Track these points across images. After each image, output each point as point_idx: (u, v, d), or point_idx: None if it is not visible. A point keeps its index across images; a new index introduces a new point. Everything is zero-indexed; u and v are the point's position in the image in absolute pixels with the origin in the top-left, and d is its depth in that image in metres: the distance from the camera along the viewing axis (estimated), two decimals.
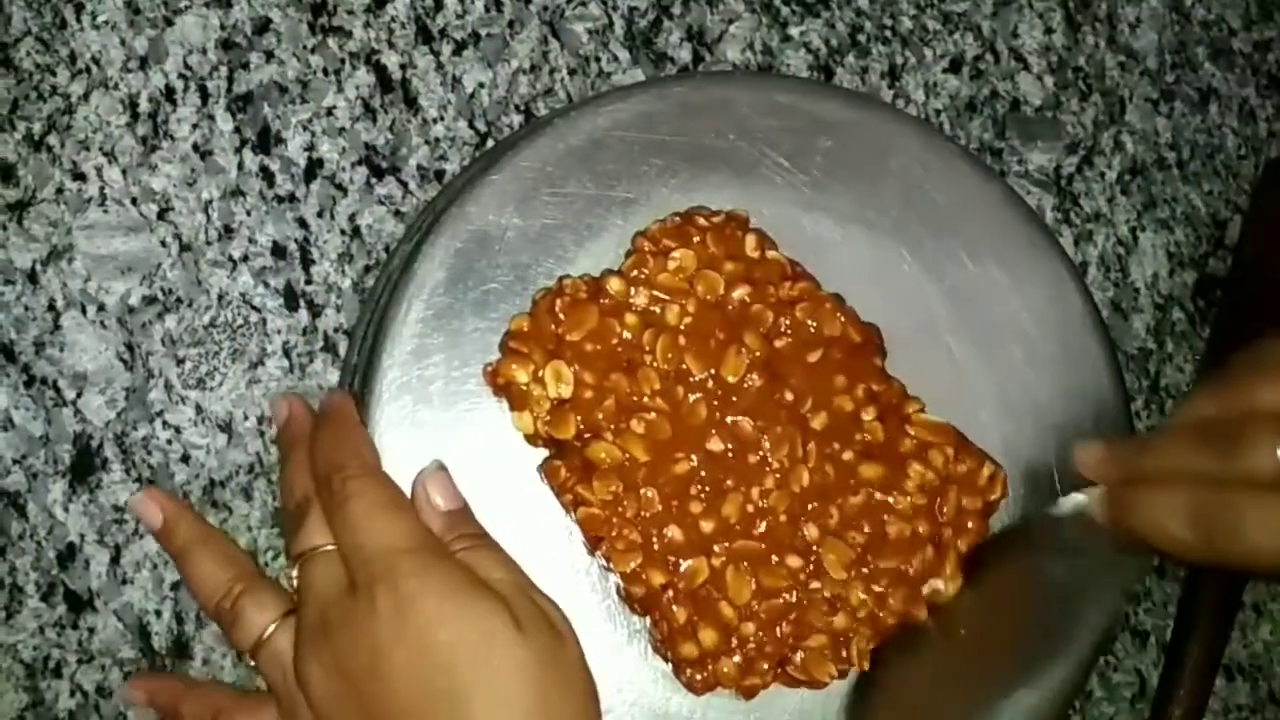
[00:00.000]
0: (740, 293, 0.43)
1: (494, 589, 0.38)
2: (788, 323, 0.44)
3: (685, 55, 0.52)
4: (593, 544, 0.43)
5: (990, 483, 0.45)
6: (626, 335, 0.43)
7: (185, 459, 0.47)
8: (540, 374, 0.42)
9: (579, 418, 0.42)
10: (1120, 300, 0.55)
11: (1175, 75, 0.59)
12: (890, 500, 0.43)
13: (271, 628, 0.40)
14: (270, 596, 0.41)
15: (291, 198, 0.48)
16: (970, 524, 0.44)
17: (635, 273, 0.43)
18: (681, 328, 0.43)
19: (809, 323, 0.44)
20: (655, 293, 0.43)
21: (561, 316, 0.42)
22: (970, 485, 0.44)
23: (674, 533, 0.41)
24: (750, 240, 0.44)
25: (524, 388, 0.42)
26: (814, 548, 0.42)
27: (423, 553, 0.38)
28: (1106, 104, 0.57)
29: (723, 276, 0.43)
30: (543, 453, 0.43)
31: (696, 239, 0.44)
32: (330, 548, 0.40)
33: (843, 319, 0.44)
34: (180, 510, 0.44)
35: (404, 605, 0.37)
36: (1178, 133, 0.58)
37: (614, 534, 0.42)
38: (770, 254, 0.44)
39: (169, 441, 0.47)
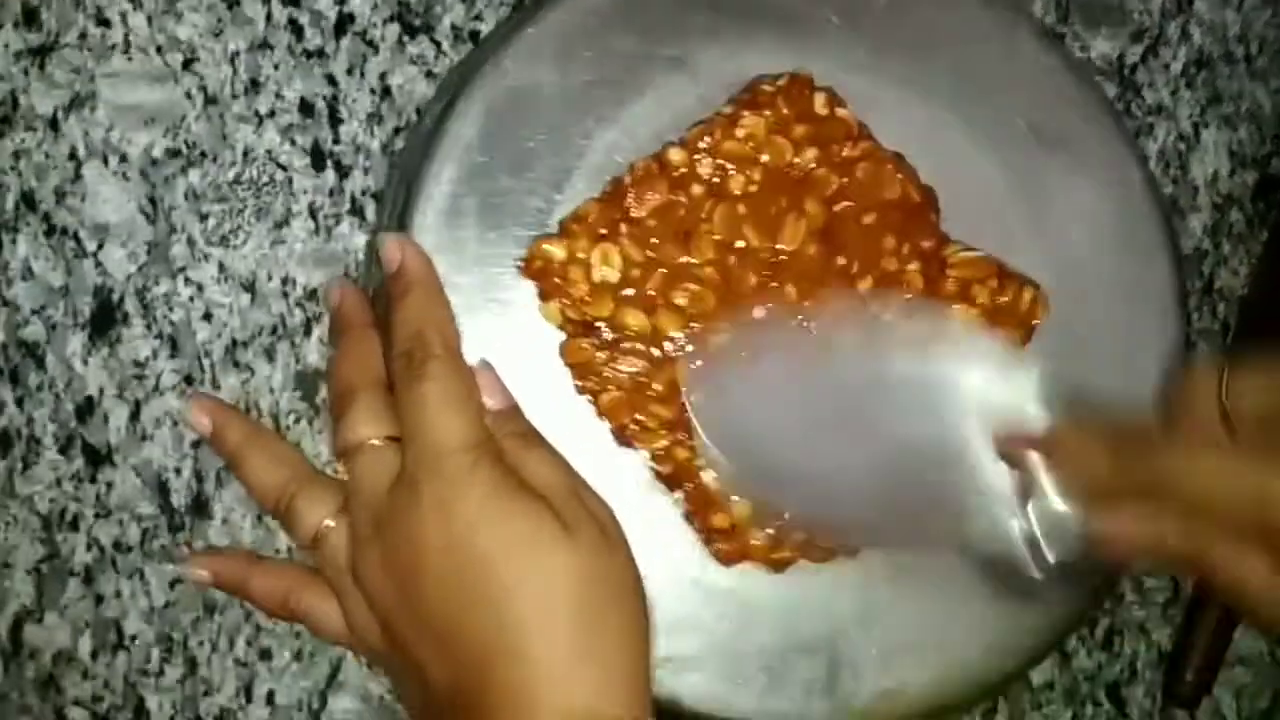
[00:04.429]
0: (807, 156, 0.44)
1: (541, 491, 0.39)
2: (845, 181, 0.44)
3: None
4: (619, 433, 0.44)
5: (1032, 306, 0.46)
6: (686, 202, 0.43)
7: (207, 317, 0.48)
8: (580, 255, 0.43)
9: (622, 293, 0.43)
10: (1178, 198, 0.56)
11: None
12: None
13: (328, 523, 0.42)
14: (324, 493, 0.42)
15: (320, 53, 0.49)
16: None
17: (701, 142, 0.44)
18: (746, 194, 0.44)
19: (868, 184, 0.44)
20: (720, 161, 0.44)
21: (631, 194, 0.43)
22: (1013, 314, 0.45)
23: None
24: (819, 98, 0.45)
25: (558, 268, 0.43)
26: None
27: (474, 452, 0.39)
28: None
29: (792, 140, 0.44)
30: None
31: (768, 105, 0.44)
32: (377, 441, 0.40)
33: (902, 178, 0.45)
34: (229, 415, 0.45)
35: (448, 505, 0.38)
36: (1247, 26, 0.58)
37: (641, 416, 0.43)
38: (839, 111, 0.45)
39: (191, 299, 0.48)
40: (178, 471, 0.48)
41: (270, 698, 0.48)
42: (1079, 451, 0.42)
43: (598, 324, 0.43)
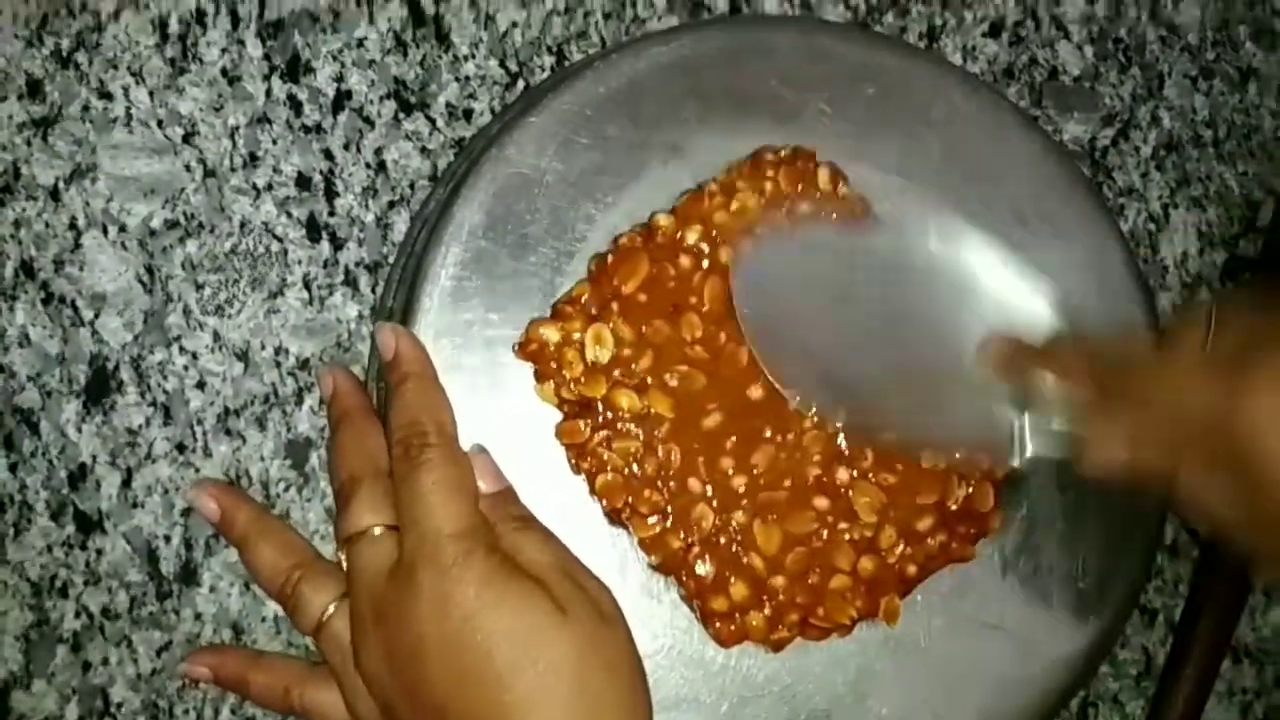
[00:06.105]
0: None
1: (536, 574, 0.41)
2: None
3: (722, 4, 0.56)
4: (613, 515, 0.46)
5: None
6: (674, 274, 0.46)
7: (201, 385, 0.50)
8: (575, 336, 0.45)
9: (615, 373, 0.45)
10: (1148, 277, 0.59)
11: (1216, 53, 0.62)
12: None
13: (330, 609, 0.44)
14: (327, 579, 0.44)
15: (318, 128, 0.52)
16: (1007, 445, 0.48)
17: (692, 211, 0.46)
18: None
19: None
20: (712, 231, 0.46)
21: (615, 266, 0.45)
22: None
23: (696, 486, 0.45)
24: (824, 174, 0.48)
25: (552, 350, 0.45)
26: (845, 491, 0.46)
27: (469, 539, 0.41)
28: (1145, 78, 0.61)
29: (792, 217, 0.47)
30: None
31: (768, 177, 0.47)
32: (378, 530, 0.43)
33: None
34: (236, 499, 0.47)
35: (445, 593, 0.40)
36: (1215, 111, 0.62)
37: (634, 500, 0.45)
38: (843, 189, 0.48)
39: (185, 367, 0.50)
40: (167, 539, 0.49)
41: None
42: (1070, 362, 0.45)
43: (594, 404, 0.45)
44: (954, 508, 0.47)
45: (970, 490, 0.48)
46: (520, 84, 0.53)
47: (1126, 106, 0.60)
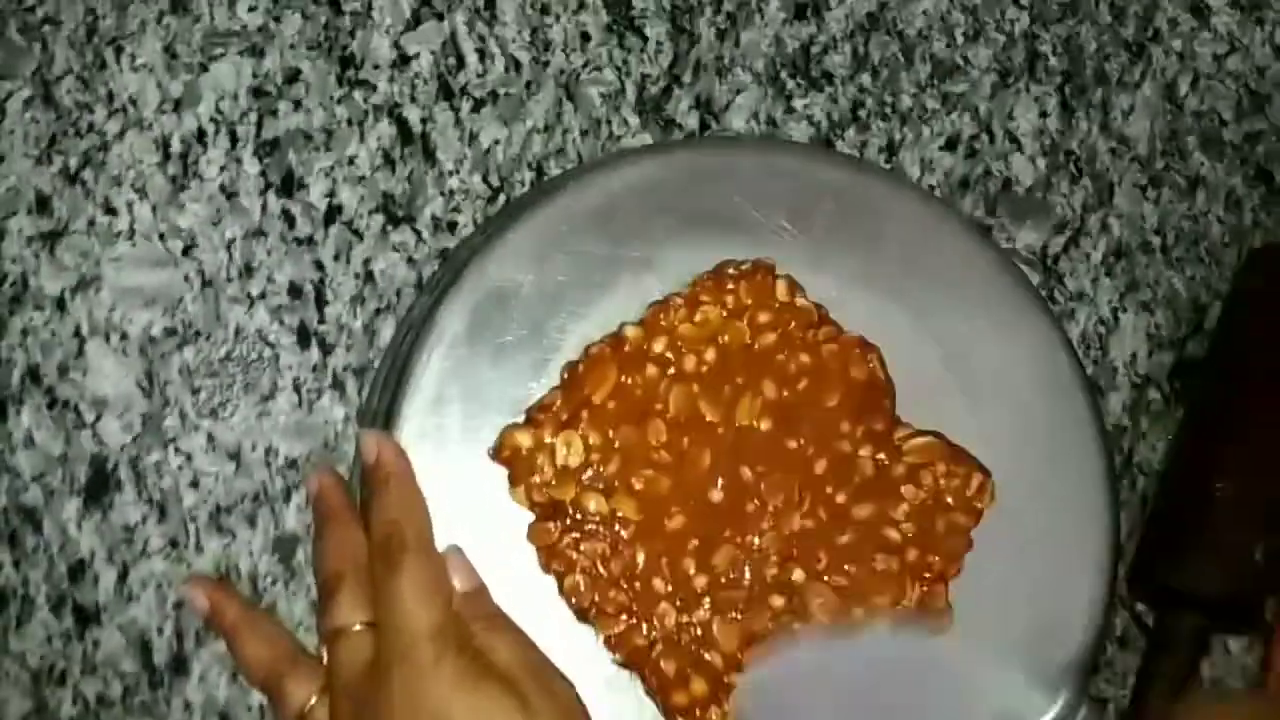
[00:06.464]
0: (768, 339, 0.50)
1: (506, 672, 0.44)
2: (806, 362, 0.50)
3: (693, 122, 0.59)
4: (580, 613, 0.49)
5: (979, 491, 0.51)
6: (641, 383, 0.49)
7: (194, 484, 0.53)
8: (547, 442, 0.48)
9: (584, 477, 0.48)
10: (1098, 378, 0.62)
11: (1165, 162, 0.66)
12: (881, 534, 0.50)
13: (312, 702, 0.46)
14: (310, 673, 0.47)
15: (310, 240, 0.55)
16: (959, 547, 0.50)
17: (660, 321, 0.50)
18: (699, 373, 0.49)
19: (833, 365, 0.50)
20: (677, 341, 0.49)
21: (585, 377, 0.48)
22: (960, 499, 0.51)
23: (659, 586, 0.48)
24: (781, 285, 0.51)
25: (525, 454, 0.48)
26: (800, 591, 0.49)
27: (441, 640, 0.44)
28: (1096, 187, 0.64)
29: (753, 326, 0.50)
30: None
31: (730, 289, 0.50)
32: (358, 627, 0.45)
33: (870, 359, 0.51)
34: (225, 595, 0.50)
35: (417, 692, 0.43)
36: (1164, 218, 0.65)
37: (600, 599, 0.48)
38: (799, 300, 0.51)
39: (180, 467, 0.53)
40: (160, 631, 0.52)
41: None
42: None
43: (564, 506, 0.48)
44: (908, 607, 0.50)
45: (924, 590, 0.50)
46: (501, 198, 0.57)
47: (1077, 215, 0.64)
